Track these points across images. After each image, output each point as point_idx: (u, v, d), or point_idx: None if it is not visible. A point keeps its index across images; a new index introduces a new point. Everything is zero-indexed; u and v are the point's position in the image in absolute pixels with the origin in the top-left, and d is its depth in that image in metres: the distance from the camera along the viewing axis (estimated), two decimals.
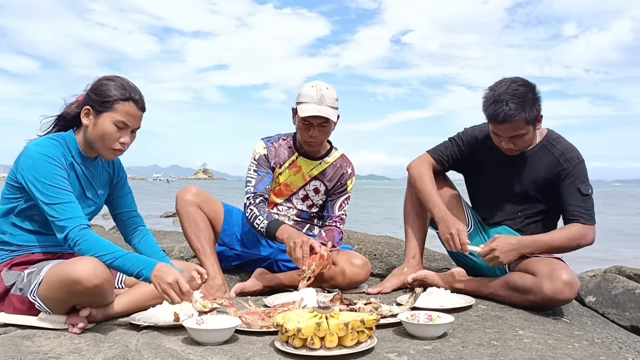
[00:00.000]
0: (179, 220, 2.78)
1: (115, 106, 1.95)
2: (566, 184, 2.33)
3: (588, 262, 7.38)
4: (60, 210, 1.86)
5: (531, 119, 2.26)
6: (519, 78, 2.32)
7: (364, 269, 2.59)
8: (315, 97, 2.57)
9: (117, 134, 1.98)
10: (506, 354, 1.64)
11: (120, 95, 1.96)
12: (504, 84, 2.28)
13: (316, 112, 2.54)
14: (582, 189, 2.31)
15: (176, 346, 1.70)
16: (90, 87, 2.02)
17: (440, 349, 1.67)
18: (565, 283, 2.08)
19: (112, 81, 1.99)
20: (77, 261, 1.81)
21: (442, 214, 2.42)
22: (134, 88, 2.01)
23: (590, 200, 2.33)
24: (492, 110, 2.26)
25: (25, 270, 1.93)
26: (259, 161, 2.74)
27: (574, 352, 1.68)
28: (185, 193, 2.75)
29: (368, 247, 3.44)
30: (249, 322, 1.88)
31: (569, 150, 2.38)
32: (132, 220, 2.26)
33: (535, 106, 2.27)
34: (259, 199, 2.65)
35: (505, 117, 2.23)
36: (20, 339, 1.77)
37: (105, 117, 1.96)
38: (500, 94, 2.25)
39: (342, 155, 2.84)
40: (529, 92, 2.27)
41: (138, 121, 2.03)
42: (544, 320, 2.05)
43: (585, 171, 2.36)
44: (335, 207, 2.77)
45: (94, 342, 1.74)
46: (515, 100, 2.22)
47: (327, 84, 2.63)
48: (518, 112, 2.22)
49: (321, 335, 1.58)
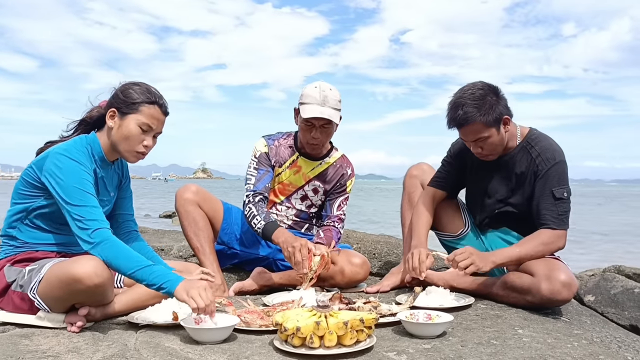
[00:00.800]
0: (178, 218, 2.77)
1: (140, 108, 2.01)
2: (540, 186, 2.28)
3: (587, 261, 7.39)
4: (87, 212, 1.87)
5: (490, 120, 2.21)
6: (480, 82, 2.29)
7: (363, 268, 2.59)
8: (318, 98, 2.55)
9: (141, 136, 2.03)
10: (505, 353, 1.63)
11: (146, 98, 2.02)
12: (464, 89, 2.27)
13: (318, 114, 2.53)
14: (556, 193, 2.26)
15: (175, 345, 1.70)
16: (116, 90, 2.07)
17: (440, 348, 1.67)
18: (563, 284, 2.07)
19: (138, 86, 2.06)
20: (79, 260, 1.81)
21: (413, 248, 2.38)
22: (158, 93, 2.08)
23: (564, 205, 2.26)
24: (450, 115, 2.26)
25: (27, 267, 1.94)
26: (260, 159, 2.73)
27: (573, 351, 1.68)
28: (184, 191, 2.74)
29: (367, 246, 3.44)
30: (247, 320, 1.87)
31: (545, 151, 2.32)
32: (127, 224, 2.27)
33: (495, 108, 2.22)
34: (258, 198, 2.64)
35: (461, 120, 2.22)
36: (19, 337, 1.76)
37: (130, 118, 2.01)
38: (458, 98, 2.24)
39: (343, 155, 2.83)
40: (488, 94, 2.23)
41: (161, 125, 2.09)
42: (543, 319, 2.05)
43: (562, 173, 2.29)
44: (333, 207, 2.76)
45: (92, 341, 1.73)
46: (471, 103, 2.20)
47: (331, 85, 2.62)
48: (473, 115, 2.19)
49: (320, 334, 1.58)
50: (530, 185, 2.32)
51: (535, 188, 2.29)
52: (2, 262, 1.99)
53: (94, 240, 1.84)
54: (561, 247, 2.26)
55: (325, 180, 2.76)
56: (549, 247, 2.24)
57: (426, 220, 2.51)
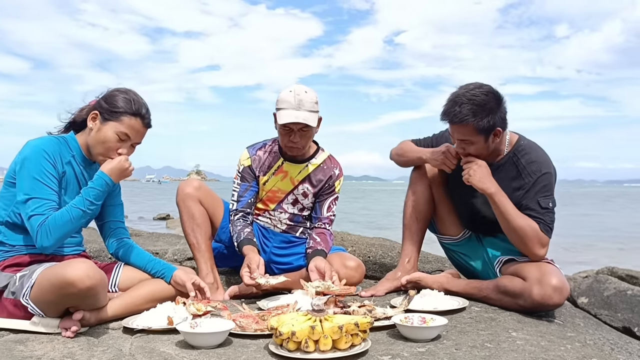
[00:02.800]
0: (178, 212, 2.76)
1: (122, 118, 2.05)
2: (527, 197, 2.28)
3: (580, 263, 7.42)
4: (34, 203, 1.92)
5: (482, 128, 2.20)
6: (487, 86, 2.26)
7: (357, 271, 2.59)
8: (293, 102, 2.52)
9: (117, 144, 2.06)
10: (499, 356, 1.65)
11: (129, 109, 2.05)
12: (470, 87, 2.25)
13: (293, 119, 2.50)
14: (542, 202, 2.25)
15: (170, 350, 1.70)
16: (103, 95, 2.11)
17: (434, 352, 1.68)
18: (554, 288, 2.08)
19: (124, 94, 2.08)
20: (70, 263, 1.82)
21: (426, 152, 2.52)
22: (144, 105, 2.10)
23: (551, 215, 2.26)
24: (446, 108, 2.26)
25: (18, 273, 1.94)
26: (243, 173, 2.76)
27: (567, 354, 1.70)
28: (186, 186, 2.73)
29: (362, 249, 3.44)
30: (243, 325, 1.87)
31: (531, 164, 2.31)
32: (118, 231, 2.28)
33: (491, 117, 2.20)
34: (238, 215, 2.71)
35: (453, 118, 2.22)
36: (13, 343, 1.76)
37: (110, 125, 2.05)
38: (459, 95, 2.23)
39: (329, 156, 2.82)
40: (489, 101, 2.21)
41: (140, 137, 2.12)
42: (536, 322, 2.07)
43: (549, 184, 2.28)
44: (323, 209, 2.76)
45: (87, 347, 1.73)
46: (470, 106, 2.19)
47: (306, 88, 2.59)
48: (467, 117, 2.18)
49: (315, 338, 1.58)
50: (516, 198, 2.29)
51: (522, 200, 2.28)
52: None
53: (34, 231, 1.91)
54: (538, 254, 2.23)
55: (313, 182, 2.75)
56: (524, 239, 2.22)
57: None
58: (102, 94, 2.13)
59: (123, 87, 2.13)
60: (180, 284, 2.16)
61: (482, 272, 2.58)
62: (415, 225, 2.66)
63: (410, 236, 2.67)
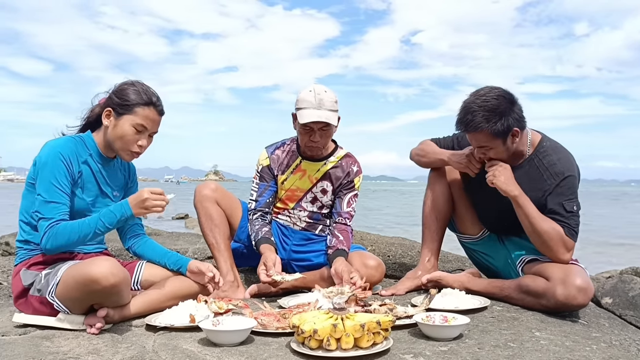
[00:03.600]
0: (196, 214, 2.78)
1: (135, 110, 2.06)
2: (550, 200, 2.24)
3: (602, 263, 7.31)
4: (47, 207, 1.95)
5: (497, 132, 2.18)
6: (499, 89, 2.24)
7: (378, 270, 2.58)
8: (314, 101, 2.55)
9: (135, 137, 2.08)
10: (523, 356, 1.63)
11: (141, 99, 2.07)
12: (480, 93, 2.23)
13: (316, 118, 2.53)
14: (566, 206, 2.21)
15: (193, 347, 1.71)
16: (113, 90, 2.12)
17: (457, 350, 1.67)
18: (578, 288, 2.05)
19: (133, 86, 2.10)
20: (94, 261, 1.85)
21: (449, 154, 2.50)
22: (154, 94, 2.11)
23: (576, 218, 2.22)
24: (459, 117, 2.24)
25: (43, 271, 1.97)
26: (262, 173, 2.80)
27: (592, 355, 1.67)
28: (203, 188, 2.77)
29: (381, 248, 3.43)
30: (264, 323, 1.88)
31: (554, 166, 2.27)
32: (134, 227, 2.31)
33: (505, 120, 2.17)
34: (257, 214, 2.75)
35: (467, 126, 2.21)
36: (40, 339, 1.79)
37: (125, 119, 2.06)
38: (470, 103, 2.21)
39: (347, 154, 2.83)
40: (501, 104, 2.18)
41: (156, 125, 2.13)
42: (560, 322, 2.04)
43: (572, 187, 2.25)
44: (343, 204, 2.77)
45: (111, 343, 1.75)
46: (482, 112, 2.16)
47: (326, 87, 2.62)
48: (481, 124, 2.17)
49: (337, 336, 1.58)
50: (538, 201, 2.26)
51: (546, 203, 2.25)
52: (18, 267, 2.04)
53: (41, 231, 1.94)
54: (562, 258, 2.19)
55: (332, 179, 2.77)
56: (550, 244, 2.19)
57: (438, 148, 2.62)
58: (109, 90, 2.14)
59: (130, 80, 2.14)
60: (196, 271, 2.18)
61: (504, 271, 2.55)
62: (434, 224, 2.64)
63: (430, 235, 2.66)
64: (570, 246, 2.21)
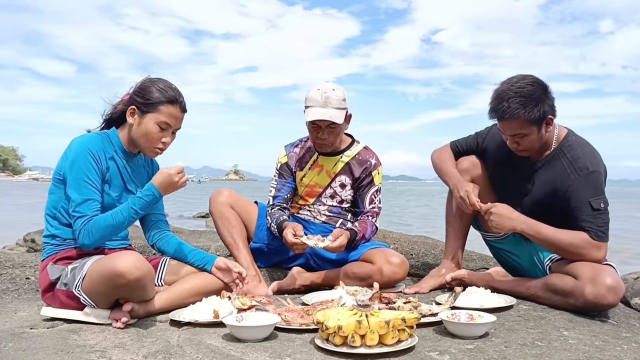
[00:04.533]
0: (212, 220, 2.83)
1: (159, 107, 2.08)
2: (576, 197, 2.18)
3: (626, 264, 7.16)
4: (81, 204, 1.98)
5: (534, 119, 2.14)
6: (530, 76, 2.21)
7: (401, 267, 2.56)
8: (320, 100, 2.59)
9: (159, 134, 2.10)
10: (552, 355, 1.60)
11: (164, 97, 2.09)
12: (513, 80, 2.19)
13: (320, 116, 2.57)
14: (594, 203, 2.15)
15: (217, 342, 1.71)
16: (136, 88, 2.15)
17: (483, 349, 1.64)
18: (608, 288, 2.00)
19: (157, 84, 2.12)
20: (119, 255, 1.87)
21: (454, 181, 2.45)
22: (177, 91, 2.14)
23: (604, 216, 2.16)
24: (493, 105, 2.20)
25: (69, 265, 2.00)
26: (281, 170, 2.86)
27: (623, 355, 1.63)
28: (218, 195, 2.84)
29: (404, 246, 3.41)
30: (288, 319, 1.88)
31: (578, 160, 2.22)
32: (160, 223, 2.34)
33: (541, 106, 2.14)
34: (275, 208, 2.79)
35: (503, 114, 2.16)
36: (67, 332, 1.82)
37: (149, 117, 2.09)
38: (504, 90, 2.17)
39: (365, 147, 2.85)
40: (536, 91, 2.15)
41: (179, 122, 2.16)
42: (589, 321, 2.00)
43: (598, 183, 2.19)
44: (365, 202, 2.77)
45: (137, 337, 1.77)
46: (518, 99, 2.13)
47: (335, 85, 2.65)
48: (517, 110, 2.13)
49: (362, 333, 1.57)
50: (562, 197, 2.22)
51: (571, 199, 2.20)
52: (45, 262, 2.07)
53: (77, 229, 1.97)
54: (597, 258, 2.14)
55: (350, 172, 2.78)
56: (579, 251, 2.15)
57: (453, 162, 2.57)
58: (132, 88, 2.17)
59: (152, 77, 2.17)
60: (224, 267, 2.21)
61: (529, 270, 2.50)
62: (458, 222, 2.61)
63: (453, 233, 2.62)
64: (599, 245, 2.15)
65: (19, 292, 2.58)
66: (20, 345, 1.66)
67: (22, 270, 2.84)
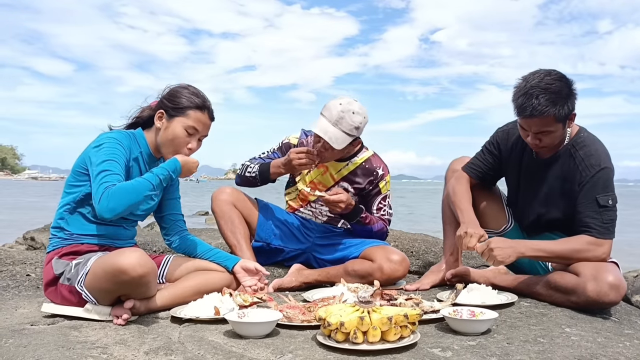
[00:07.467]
0: (214, 219, 2.81)
1: (188, 112, 2.09)
2: (583, 193, 2.18)
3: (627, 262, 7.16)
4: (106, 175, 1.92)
5: (562, 116, 2.11)
6: (555, 71, 2.17)
7: (402, 265, 2.55)
8: (334, 115, 2.48)
9: (186, 139, 2.11)
10: (554, 351, 1.59)
11: (194, 103, 2.10)
12: (538, 76, 2.14)
13: (320, 132, 2.49)
14: (600, 200, 2.14)
15: (218, 339, 1.71)
16: (165, 93, 2.16)
17: (485, 345, 1.64)
18: (610, 285, 2.00)
19: (187, 89, 2.14)
20: (123, 252, 1.87)
21: (466, 219, 2.36)
22: (206, 98, 2.15)
23: (610, 213, 2.15)
24: (521, 102, 2.13)
25: (74, 260, 2.00)
26: (283, 147, 2.79)
27: (626, 351, 1.63)
28: (220, 193, 2.81)
29: (405, 244, 3.41)
30: (290, 316, 1.87)
31: (589, 157, 2.20)
32: (178, 223, 2.36)
33: (568, 103, 2.11)
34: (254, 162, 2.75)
35: (533, 111, 2.10)
36: (68, 329, 1.81)
37: (177, 121, 2.09)
38: (532, 87, 2.11)
39: (373, 155, 2.78)
40: (564, 87, 2.12)
41: (207, 129, 2.16)
42: (590, 318, 2.00)
43: (608, 180, 2.18)
44: (373, 209, 2.75)
45: (138, 334, 1.76)
46: (547, 96, 2.08)
47: (359, 107, 2.51)
48: (548, 108, 2.08)
49: (364, 329, 1.56)
50: (572, 192, 2.22)
51: (579, 195, 2.19)
52: (50, 255, 2.07)
53: (98, 196, 1.89)
54: (601, 256, 2.13)
55: (354, 181, 2.74)
56: (583, 254, 2.14)
57: (469, 198, 2.46)
58: (160, 93, 2.18)
59: (182, 83, 2.18)
60: (251, 268, 2.26)
61: (530, 267, 2.50)
62: (454, 220, 2.61)
63: (451, 231, 2.61)
64: (600, 243, 2.14)
65: (20, 289, 2.57)
66: (21, 342, 1.66)
67: (22, 267, 2.84)
